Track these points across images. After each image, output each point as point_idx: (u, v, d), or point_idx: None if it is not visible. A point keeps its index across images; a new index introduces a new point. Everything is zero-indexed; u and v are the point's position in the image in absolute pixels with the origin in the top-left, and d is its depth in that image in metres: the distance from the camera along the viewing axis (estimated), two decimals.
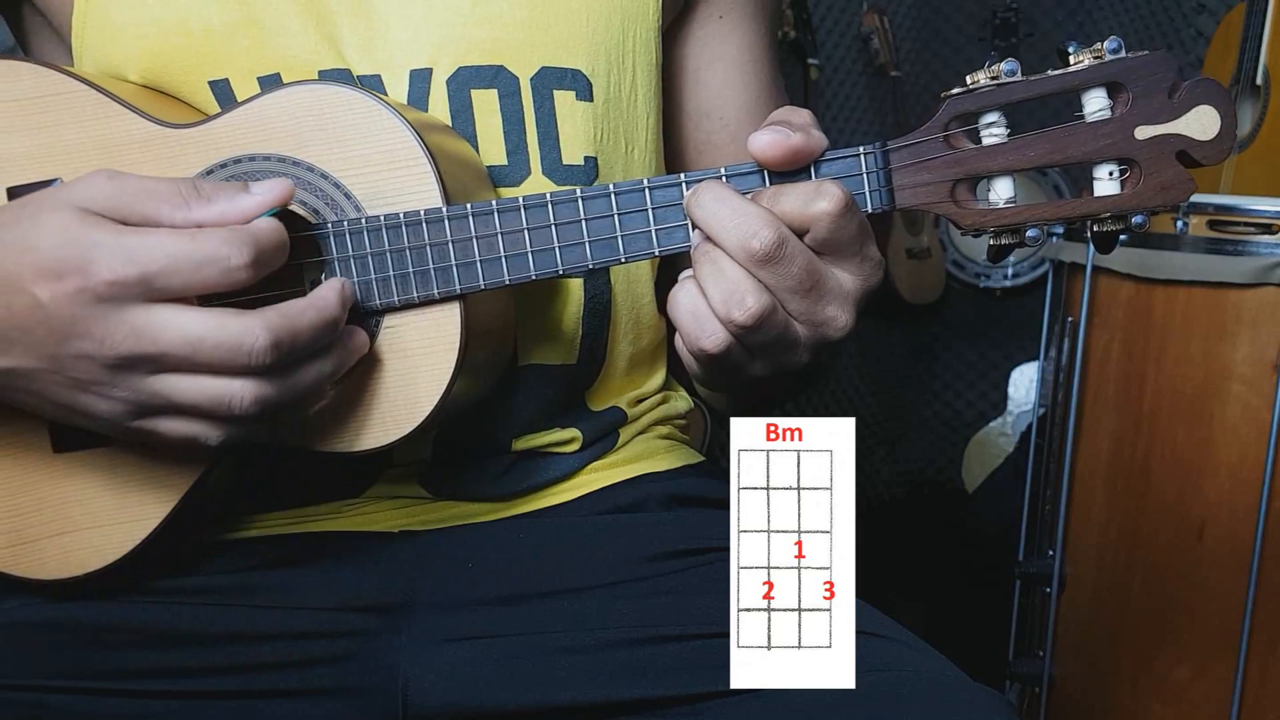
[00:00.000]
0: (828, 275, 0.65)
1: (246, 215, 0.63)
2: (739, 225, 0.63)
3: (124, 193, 0.62)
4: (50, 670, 0.73)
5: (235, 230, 0.62)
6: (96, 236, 0.60)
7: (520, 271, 0.68)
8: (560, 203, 0.67)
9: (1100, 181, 0.66)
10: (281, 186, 0.65)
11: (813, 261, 0.64)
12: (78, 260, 0.60)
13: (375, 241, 0.68)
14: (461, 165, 0.72)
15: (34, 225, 0.61)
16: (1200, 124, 0.64)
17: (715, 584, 0.75)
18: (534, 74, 0.77)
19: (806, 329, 0.66)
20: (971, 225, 0.67)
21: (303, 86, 0.69)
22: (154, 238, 0.61)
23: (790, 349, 0.66)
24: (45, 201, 0.62)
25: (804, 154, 0.65)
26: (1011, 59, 0.65)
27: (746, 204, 0.64)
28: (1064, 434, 1.52)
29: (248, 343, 0.61)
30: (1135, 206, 0.66)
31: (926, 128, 0.65)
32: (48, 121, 0.70)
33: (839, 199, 0.63)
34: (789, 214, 0.64)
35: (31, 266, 0.60)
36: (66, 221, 0.61)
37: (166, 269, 0.60)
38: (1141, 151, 0.65)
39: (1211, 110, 0.64)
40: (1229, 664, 1.40)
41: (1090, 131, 0.65)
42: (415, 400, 0.69)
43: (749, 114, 0.89)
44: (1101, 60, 0.64)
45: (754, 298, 0.63)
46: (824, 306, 0.65)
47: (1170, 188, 0.65)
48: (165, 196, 0.62)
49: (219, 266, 0.61)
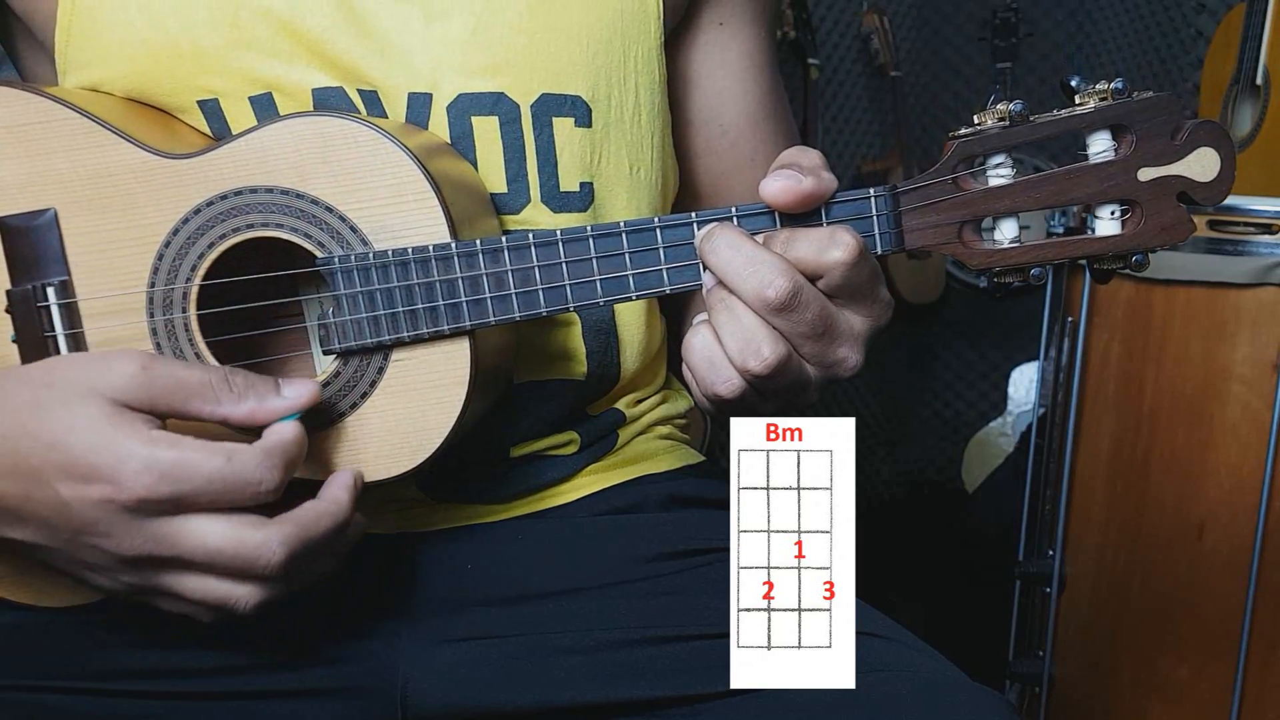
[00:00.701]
0: (840, 319, 0.66)
1: (274, 416, 0.64)
2: (754, 274, 0.64)
3: (155, 384, 0.61)
4: (49, 670, 0.74)
5: (269, 453, 0.62)
6: (130, 446, 0.59)
7: (530, 308, 0.68)
8: (570, 240, 0.67)
9: (1102, 221, 0.67)
10: (310, 392, 0.65)
11: (826, 307, 0.65)
12: (108, 469, 0.59)
13: (383, 277, 0.67)
14: (465, 192, 0.72)
15: (62, 416, 0.60)
16: (1201, 166, 0.65)
17: (715, 584, 0.75)
18: (534, 101, 0.76)
19: (818, 370, 0.67)
20: (978, 265, 0.68)
21: (304, 118, 0.68)
22: (189, 453, 0.60)
23: (802, 390, 0.68)
24: (72, 388, 0.61)
25: (815, 198, 0.66)
26: (1019, 100, 0.66)
27: (760, 251, 0.64)
28: (1064, 434, 1.52)
29: (264, 558, 0.61)
30: (1136, 246, 0.67)
31: (935, 170, 0.66)
32: (37, 150, 0.68)
33: (853, 249, 0.64)
34: (803, 261, 0.64)
35: (59, 465, 0.60)
36: (97, 418, 0.60)
37: (199, 490, 0.60)
38: (1143, 193, 0.66)
39: (1213, 152, 0.65)
40: (1229, 664, 1.40)
41: (1094, 173, 0.66)
42: (425, 433, 0.69)
43: (750, 120, 0.89)
44: (1107, 102, 0.65)
45: (770, 347, 0.64)
46: (836, 348, 0.67)
47: (1170, 228, 0.66)
48: (197, 392, 0.62)
49: (250, 491, 0.61)
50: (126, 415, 0.60)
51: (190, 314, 0.69)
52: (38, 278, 0.69)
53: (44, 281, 0.69)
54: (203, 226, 0.68)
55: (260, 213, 0.67)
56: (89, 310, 0.69)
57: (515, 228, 0.77)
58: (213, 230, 0.68)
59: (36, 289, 0.69)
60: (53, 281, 0.69)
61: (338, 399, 0.69)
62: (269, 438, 0.63)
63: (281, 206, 0.67)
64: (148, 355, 0.62)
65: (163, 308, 0.69)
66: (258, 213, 0.67)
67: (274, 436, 0.63)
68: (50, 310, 0.69)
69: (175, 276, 0.68)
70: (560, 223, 0.77)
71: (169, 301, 0.69)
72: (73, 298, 0.69)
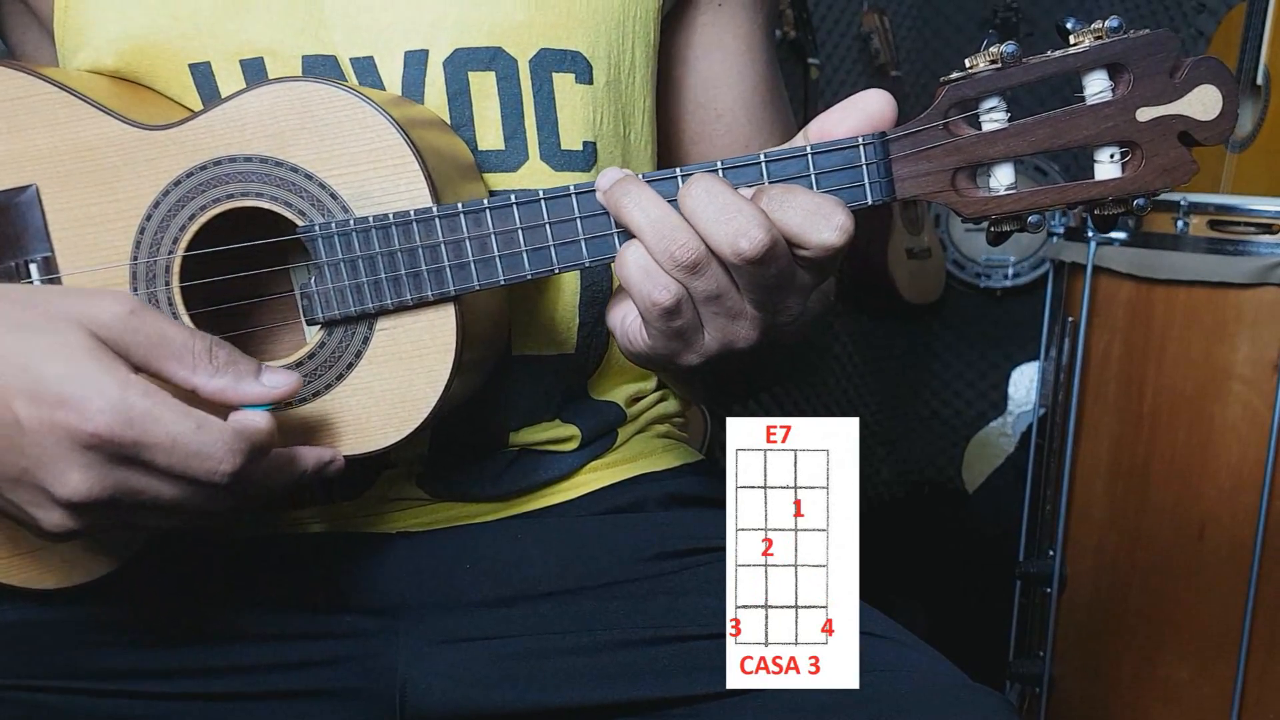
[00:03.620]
0: (798, 274, 0.64)
1: (243, 401, 0.61)
2: (730, 220, 0.61)
3: (139, 332, 0.60)
4: (47, 670, 0.73)
5: (238, 435, 0.59)
6: (105, 382, 0.57)
7: (515, 271, 0.66)
8: (554, 199, 0.66)
9: (1101, 165, 0.65)
10: (289, 385, 0.63)
11: (790, 265, 0.63)
12: (76, 399, 0.57)
13: (365, 244, 0.66)
14: (448, 160, 0.71)
15: (39, 341, 0.58)
16: (1202, 104, 0.63)
17: (714, 584, 0.75)
18: (533, 56, 0.75)
19: (756, 309, 0.65)
20: (973, 213, 0.66)
21: (282, 84, 0.67)
22: (160, 408, 0.58)
23: (738, 317, 0.65)
24: (57, 314, 0.59)
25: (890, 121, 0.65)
26: (1011, 41, 0.64)
27: (739, 200, 0.62)
28: (1064, 434, 1.52)
29: (213, 458, 0.59)
30: (1137, 189, 0.65)
31: (926, 115, 0.64)
32: (17, 126, 0.68)
33: (847, 234, 0.62)
34: (788, 228, 0.62)
35: (26, 387, 0.57)
36: (74, 348, 0.58)
37: (161, 445, 0.58)
38: (1143, 133, 0.64)
39: (1213, 89, 0.63)
40: (1229, 664, 1.40)
41: (1091, 114, 0.64)
42: (412, 402, 0.68)
43: (744, 106, 0.88)
44: (1102, 40, 0.63)
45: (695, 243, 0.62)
46: (786, 297, 0.65)
47: (1172, 169, 0.64)
48: (176, 352, 0.60)
49: (207, 465, 0.59)
50: (107, 351, 0.59)
51: (174, 286, 0.68)
52: (21, 254, 0.69)
53: (27, 258, 0.69)
54: (183, 198, 0.67)
55: (240, 182, 0.67)
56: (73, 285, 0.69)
57: (516, 187, 0.76)
58: (193, 202, 0.67)
59: (20, 265, 0.69)
60: (35, 258, 0.69)
61: (323, 370, 0.68)
62: (242, 421, 0.61)
63: (261, 175, 0.67)
64: (138, 301, 0.61)
65: (146, 281, 0.68)
66: (237, 182, 0.67)
67: (247, 422, 0.61)
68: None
69: (158, 249, 0.68)
70: (561, 182, 0.75)
71: (152, 275, 0.68)
72: (56, 273, 0.69)
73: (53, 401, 0.57)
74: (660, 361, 0.68)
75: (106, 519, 0.61)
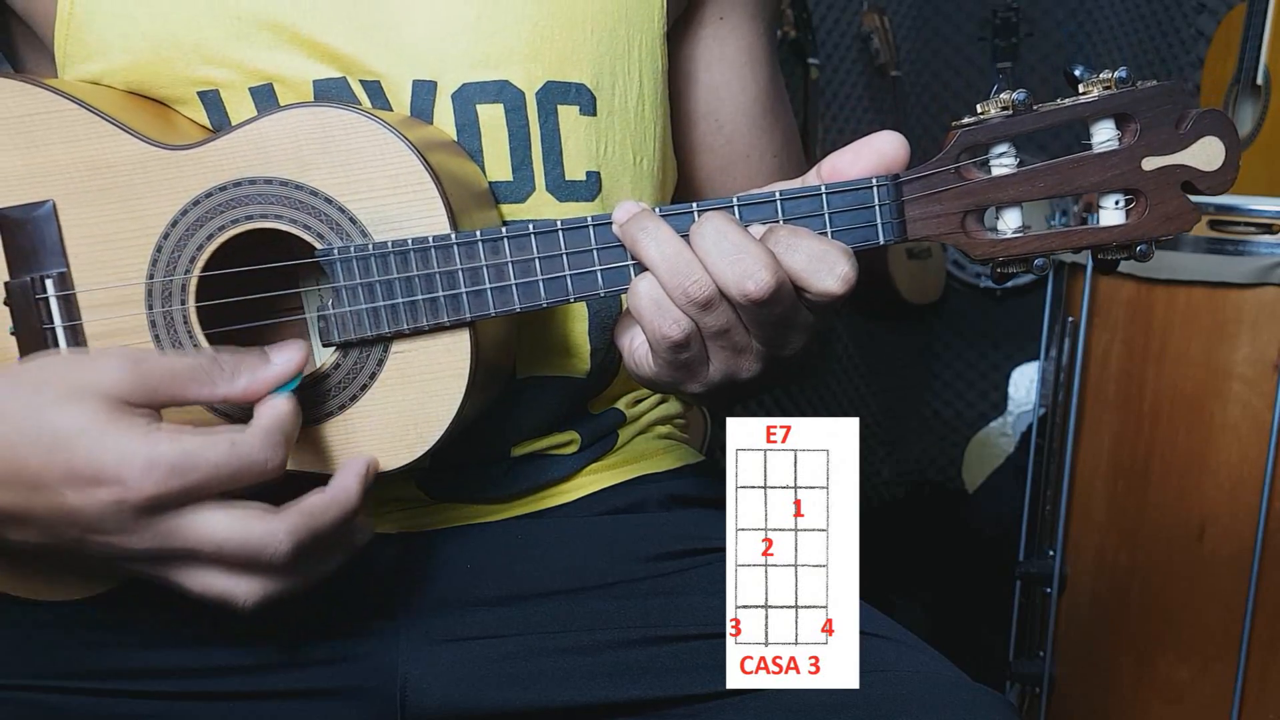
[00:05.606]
0: (800, 313, 0.65)
1: (270, 386, 0.63)
2: (738, 260, 0.63)
3: (149, 378, 0.61)
4: (48, 670, 0.74)
5: (269, 431, 0.61)
6: (131, 445, 0.58)
7: (531, 299, 0.67)
8: (571, 230, 0.66)
9: (1106, 210, 0.67)
10: (300, 352, 0.65)
11: (795, 304, 0.64)
12: (113, 471, 0.58)
13: (383, 268, 0.67)
14: (464, 186, 0.71)
15: (58, 418, 0.59)
16: (1206, 155, 0.65)
17: (714, 584, 0.75)
18: (539, 89, 0.76)
19: (762, 345, 0.66)
20: (982, 255, 0.67)
21: (303, 108, 0.67)
22: (192, 445, 0.59)
23: (743, 351, 0.67)
24: (65, 388, 0.60)
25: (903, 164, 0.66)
26: (1022, 89, 0.65)
27: (748, 241, 0.63)
28: (1064, 434, 1.52)
29: (270, 547, 0.61)
30: (1141, 236, 0.67)
31: (938, 159, 0.66)
32: (36, 141, 0.68)
33: (848, 284, 0.63)
34: (794, 271, 0.63)
35: (62, 469, 0.58)
36: (94, 418, 0.59)
37: (208, 479, 0.59)
38: (1148, 182, 0.65)
39: (1217, 141, 0.65)
40: (1229, 664, 1.40)
41: (1098, 162, 0.65)
42: (425, 424, 0.69)
43: (747, 117, 0.89)
44: (1110, 91, 0.65)
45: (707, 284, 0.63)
46: (789, 333, 0.66)
47: (1175, 217, 0.66)
48: (189, 376, 0.62)
49: (257, 470, 0.61)
50: (124, 412, 0.60)
51: (189, 306, 0.68)
52: (36, 270, 0.69)
53: (42, 274, 0.69)
54: (201, 218, 0.68)
55: (259, 204, 0.67)
56: (87, 302, 0.69)
57: (522, 217, 0.76)
58: (211, 222, 0.68)
59: (35, 281, 0.69)
60: (51, 274, 0.69)
61: (337, 391, 0.69)
62: (265, 416, 0.62)
63: (280, 198, 0.67)
64: (133, 351, 0.62)
65: (161, 299, 0.69)
66: (256, 204, 0.67)
67: (270, 414, 0.62)
68: (49, 303, 0.69)
69: (174, 268, 0.68)
70: (566, 212, 0.77)
71: (168, 293, 0.68)
72: (71, 290, 0.69)
73: (92, 479, 0.58)
74: (664, 388, 0.70)
75: (170, 570, 0.63)
